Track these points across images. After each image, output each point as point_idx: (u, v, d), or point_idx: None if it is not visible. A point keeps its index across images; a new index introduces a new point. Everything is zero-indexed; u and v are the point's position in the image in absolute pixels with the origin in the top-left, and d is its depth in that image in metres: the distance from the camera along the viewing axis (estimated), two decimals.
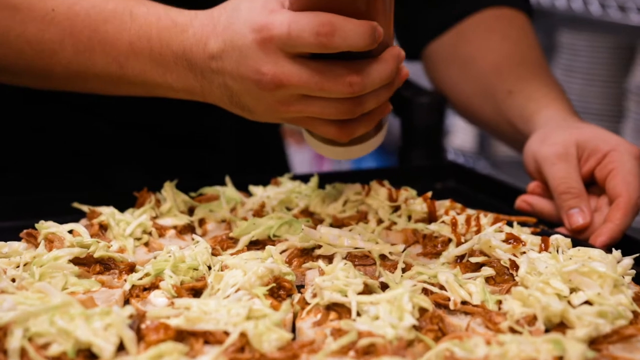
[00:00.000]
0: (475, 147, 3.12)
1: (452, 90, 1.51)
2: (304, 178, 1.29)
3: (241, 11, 1.00)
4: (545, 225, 1.20)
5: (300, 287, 1.01)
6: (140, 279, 0.97)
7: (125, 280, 0.99)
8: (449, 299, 0.93)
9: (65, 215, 1.16)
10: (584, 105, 2.67)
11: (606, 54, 2.72)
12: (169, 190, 1.18)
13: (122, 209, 1.16)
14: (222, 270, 0.99)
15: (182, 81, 1.07)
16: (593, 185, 1.21)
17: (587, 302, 0.88)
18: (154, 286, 0.97)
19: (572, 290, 0.90)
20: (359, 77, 0.97)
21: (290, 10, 0.96)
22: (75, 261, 1.00)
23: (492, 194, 1.39)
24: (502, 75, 1.41)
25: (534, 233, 1.13)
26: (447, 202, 1.19)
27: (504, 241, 1.04)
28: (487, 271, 1.00)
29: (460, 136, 3.14)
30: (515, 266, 0.99)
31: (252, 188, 1.25)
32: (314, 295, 0.93)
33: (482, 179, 1.46)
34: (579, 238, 1.15)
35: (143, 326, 0.84)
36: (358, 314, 0.88)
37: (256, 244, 1.11)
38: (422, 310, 0.89)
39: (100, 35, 1.09)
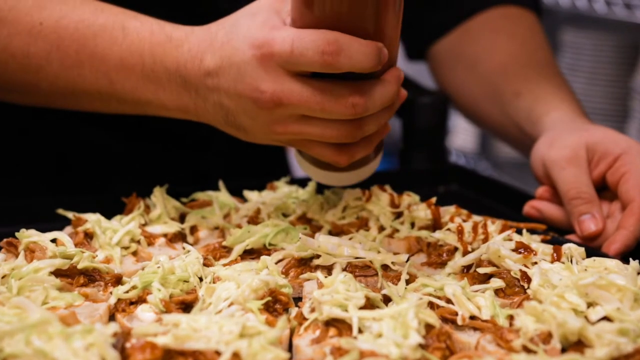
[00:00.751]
0: (476, 148, 3.07)
1: (458, 91, 1.46)
2: (302, 182, 1.23)
3: (240, 27, 0.96)
4: (555, 233, 1.14)
5: (298, 300, 0.95)
6: (127, 292, 0.91)
7: (111, 293, 0.93)
8: (456, 314, 0.87)
9: (52, 221, 1.10)
10: (587, 105, 2.60)
11: (610, 53, 2.67)
12: (159, 195, 1.12)
13: (109, 215, 1.10)
14: (214, 283, 0.93)
15: (175, 99, 1.03)
16: (605, 189, 1.15)
17: (606, 318, 0.83)
18: (141, 300, 0.91)
19: (589, 305, 0.84)
20: (362, 99, 0.93)
21: (293, 28, 0.92)
22: (58, 273, 0.94)
23: (497, 198, 1.33)
24: (508, 76, 1.36)
25: (543, 241, 1.08)
26: (452, 208, 1.13)
27: (513, 250, 0.98)
28: (497, 283, 0.94)
29: (461, 137, 3.09)
30: (526, 278, 0.93)
31: (247, 193, 1.20)
32: (312, 310, 0.87)
33: (486, 183, 1.40)
34: (591, 245, 1.09)
35: (128, 345, 0.78)
36: (360, 331, 0.82)
37: (251, 253, 1.05)
38: (429, 327, 0.83)
39: (89, 50, 1.05)
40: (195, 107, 1.02)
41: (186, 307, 0.91)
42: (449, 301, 0.89)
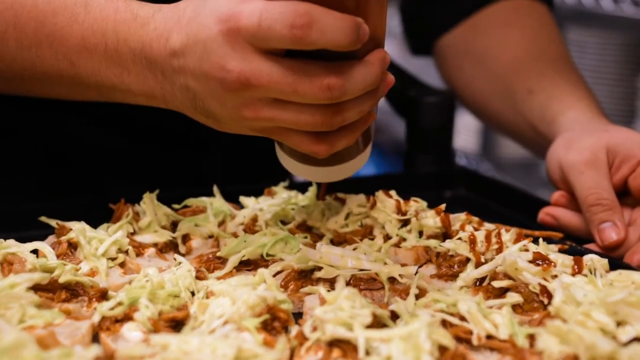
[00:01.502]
0: (478, 149, 3.00)
1: (466, 88, 1.39)
2: (301, 187, 1.16)
3: (209, 1, 0.86)
4: (573, 241, 1.06)
5: (298, 316, 0.88)
6: (112, 308, 0.84)
7: (95, 309, 0.86)
8: (471, 333, 0.80)
9: (35, 229, 1.03)
10: None
11: (616, 51, 2.60)
12: (148, 202, 1.05)
13: (96, 223, 1.02)
14: (207, 298, 0.86)
15: (140, 83, 0.94)
16: (626, 195, 1.08)
17: (637, 339, 0.75)
18: (127, 317, 0.83)
19: (618, 324, 0.77)
20: (339, 80, 0.83)
21: (266, 0, 0.83)
22: (38, 287, 0.86)
23: (507, 203, 1.26)
24: (521, 72, 1.29)
25: (560, 250, 1.00)
26: (462, 216, 1.06)
27: (530, 262, 0.91)
28: (514, 298, 0.87)
29: (462, 137, 3.02)
30: (546, 292, 0.86)
31: (243, 199, 1.12)
32: (314, 329, 0.80)
33: (495, 187, 1.33)
34: (613, 255, 1.02)
35: None
36: (367, 353, 0.75)
37: (247, 264, 0.97)
38: (442, 348, 0.76)
39: (48, 29, 0.97)
40: (162, 91, 0.93)
41: (177, 324, 0.84)
42: (462, 318, 0.82)
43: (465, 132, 3.00)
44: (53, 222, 1.02)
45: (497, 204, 1.27)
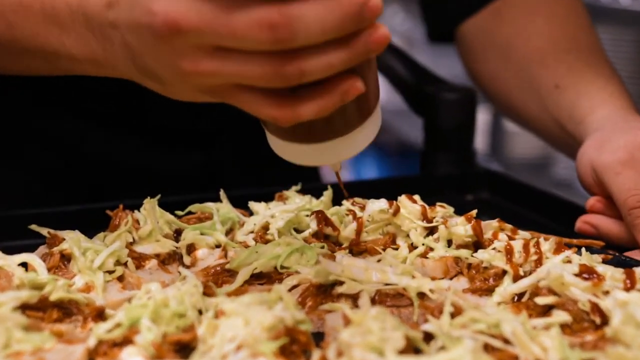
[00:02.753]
0: (486, 149, 2.93)
1: (490, 80, 1.30)
2: (315, 191, 1.07)
3: None
4: (616, 251, 0.97)
5: (317, 337, 0.79)
6: (110, 330, 0.74)
7: (90, 330, 0.77)
8: (517, 358, 0.71)
9: (25, 239, 0.96)
10: None
11: (630, 48, 2.53)
12: (149, 208, 0.95)
13: (92, 231, 0.94)
14: (217, 318, 0.77)
15: (81, 46, 0.84)
16: None
17: None
18: (127, 340, 0.74)
19: None
20: (283, 17, 0.67)
21: None
22: (26, 306, 0.77)
23: (536, 208, 1.17)
24: (547, 65, 1.20)
25: (604, 261, 0.91)
26: (494, 223, 0.96)
27: (576, 275, 0.82)
28: (561, 317, 0.78)
29: None
30: (597, 310, 0.77)
31: (253, 205, 1.03)
32: (340, 354, 0.70)
33: (522, 190, 1.24)
34: None
35: None
36: None
37: (259, 278, 0.89)
38: None
39: None
40: (104, 53, 0.82)
41: (183, 348, 0.75)
42: (506, 341, 0.73)
43: None
44: (44, 231, 0.94)
45: (524, 209, 1.19)
